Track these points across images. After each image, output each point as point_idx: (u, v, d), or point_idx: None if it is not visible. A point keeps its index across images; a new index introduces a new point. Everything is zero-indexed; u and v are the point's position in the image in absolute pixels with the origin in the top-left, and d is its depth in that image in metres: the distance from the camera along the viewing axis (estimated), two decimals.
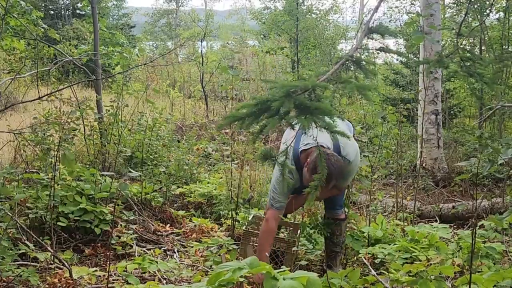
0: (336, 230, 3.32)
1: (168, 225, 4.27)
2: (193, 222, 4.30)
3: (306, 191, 1.88)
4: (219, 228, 4.26)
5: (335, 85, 1.69)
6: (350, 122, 3.51)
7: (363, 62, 1.76)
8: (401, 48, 12.34)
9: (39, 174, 3.94)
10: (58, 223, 3.42)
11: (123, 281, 2.91)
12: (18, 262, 3.00)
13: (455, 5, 10.23)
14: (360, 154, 3.29)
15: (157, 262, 3.15)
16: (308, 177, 2.86)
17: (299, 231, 3.40)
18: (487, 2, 7.94)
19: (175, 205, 4.86)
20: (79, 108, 4.61)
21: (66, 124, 4.16)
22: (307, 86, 1.59)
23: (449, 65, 2.18)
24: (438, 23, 6.64)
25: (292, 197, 3.26)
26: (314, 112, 1.56)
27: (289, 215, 4.18)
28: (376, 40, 1.89)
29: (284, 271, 1.81)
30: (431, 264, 2.87)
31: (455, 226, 4.69)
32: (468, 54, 2.08)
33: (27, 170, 4.08)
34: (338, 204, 3.35)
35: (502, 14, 8.80)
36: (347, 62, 1.76)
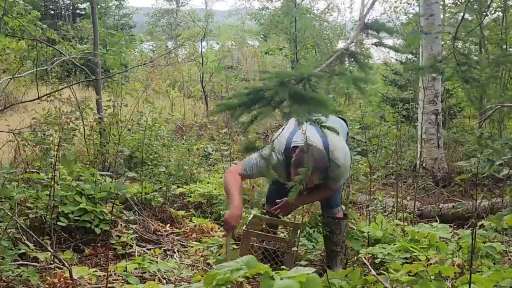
0: (336, 229, 3.32)
1: (168, 225, 4.27)
2: (193, 222, 4.30)
3: (289, 184, 1.87)
4: (219, 228, 4.26)
5: (331, 77, 1.67)
6: (344, 120, 3.51)
7: (359, 56, 1.74)
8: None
9: (39, 174, 3.94)
10: (58, 223, 3.42)
11: (123, 281, 2.91)
12: (18, 262, 3.00)
13: (454, 5, 10.23)
14: (351, 157, 3.32)
15: (157, 262, 3.16)
16: (293, 172, 2.88)
17: (299, 231, 3.40)
18: (486, 3, 7.94)
19: (175, 205, 4.86)
20: (79, 108, 4.61)
21: (66, 124, 4.16)
22: (303, 75, 1.56)
23: (445, 70, 2.17)
24: (438, 23, 6.64)
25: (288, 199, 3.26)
26: (309, 102, 1.53)
27: (289, 214, 4.19)
28: (372, 36, 1.87)
29: (283, 270, 1.81)
30: (431, 264, 2.87)
31: (455, 226, 4.69)
32: (464, 59, 2.07)
33: (27, 170, 4.08)
34: (334, 203, 3.36)
35: (500, 14, 8.79)
36: (342, 56, 1.74)
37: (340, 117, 3.42)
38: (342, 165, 3.05)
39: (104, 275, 2.96)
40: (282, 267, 2.97)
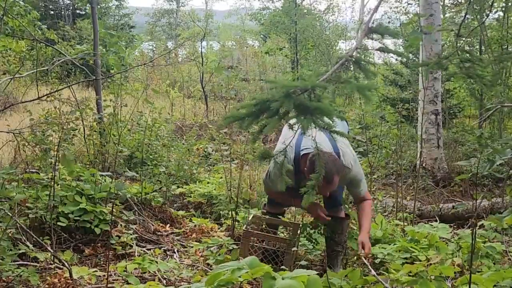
0: (338, 229, 3.32)
1: (168, 225, 4.27)
2: (193, 222, 4.30)
3: (302, 190, 1.88)
4: (219, 228, 4.26)
5: (335, 85, 1.69)
6: (345, 120, 3.53)
7: (363, 62, 1.76)
8: (400, 48, 12.34)
9: (39, 174, 3.94)
10: (58, 223, 3.42)
11: (123, 281, 2.91)
12: (18, 262, 3.00)
13: (454, 5, 10.23)
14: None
15: (157, 262, 3.15)
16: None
17: (299, 231, 3.40)
18: (487, 3, 7.93)
19: (175, 205, 4.86)
20: (79, 108, 4.61)
21: (66, 124, 4.16)
22: (307, 86, 1.58)
23: (448, 67, 2.18)
24: (438, 23, 6.63)
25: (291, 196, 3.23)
26: (314, 112, 1.56)
27: (289, 215, 4.19)
28: (375, 40, 1.89)
29: (284, 271, 1.81)
30: (431, 264, 2.87)
31: (455, 226, 4.69)
32: (467, 55, 2.08)
33: (27, 170, 4.08)
34: (337, 202, 3.36)
35: (501, 14, 8.81)
36: (347, 62, 1.76)
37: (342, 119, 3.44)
38: (353, 169, 3.07)
39: (104, 275, 2.95)
40: (282, 267, 2.97)
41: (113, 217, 3.63)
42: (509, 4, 8.28)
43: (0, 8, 3.94)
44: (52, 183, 3.46)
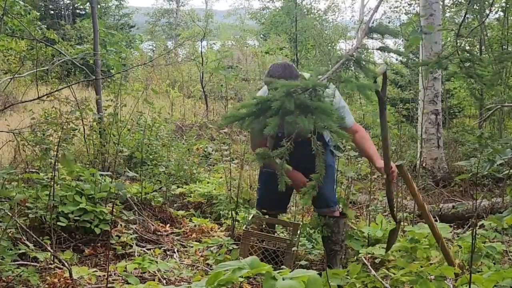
0: (334, 228, 3.30)
1: (168, 225, 4.27)
2: (193, 222, 4.30)
3: (302, 190, 1.84)
4: (219, 228, 4.26)
5: (336, 85, 1.70)
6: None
7: (363, 61, 1.77)
8: (400, 48, 12.35)
9: (38, 174, 3.94)
10: (58, 223, 3.42)
11: (123, 281, 2.91)
12: (18, 262, 3.00)
13: (454, 5, 10.23)
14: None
15: (157, 262, 3.16)
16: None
17: (299, 231, 3.40)
18: (487, 2, 7.94)
19: (175, 205, 4.86)
20: (78, 108, 4.61)
21: (66, 124, 4.16)
22: (308, 86, 1.59)
23: (448, 66, 2.18)
24: (438, 23, 6.63)
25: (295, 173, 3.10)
26: (315, 111, 1.56)
27: (289, 215, 4.19)
28: (376, 39, 1.90)
29: (284, 271, 1.81)
30: (431, 264, 2.87)
31: (455, 226, 4.69)
32: (467, 55, 2.08)
33: (26, 170, 4.07)
34: (332, 201, 3.34)
35: (501, 14, 8.82)
36: (347, 62, 1.76)
37: None
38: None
39: (104, 275, 2.95)
40: (282, 267, 2.97)
41: (113, 217, 3.63)
42: (509, 4, 8.29)
43: (0, 8, 3.94)
44: (52, 183, 3.46)
